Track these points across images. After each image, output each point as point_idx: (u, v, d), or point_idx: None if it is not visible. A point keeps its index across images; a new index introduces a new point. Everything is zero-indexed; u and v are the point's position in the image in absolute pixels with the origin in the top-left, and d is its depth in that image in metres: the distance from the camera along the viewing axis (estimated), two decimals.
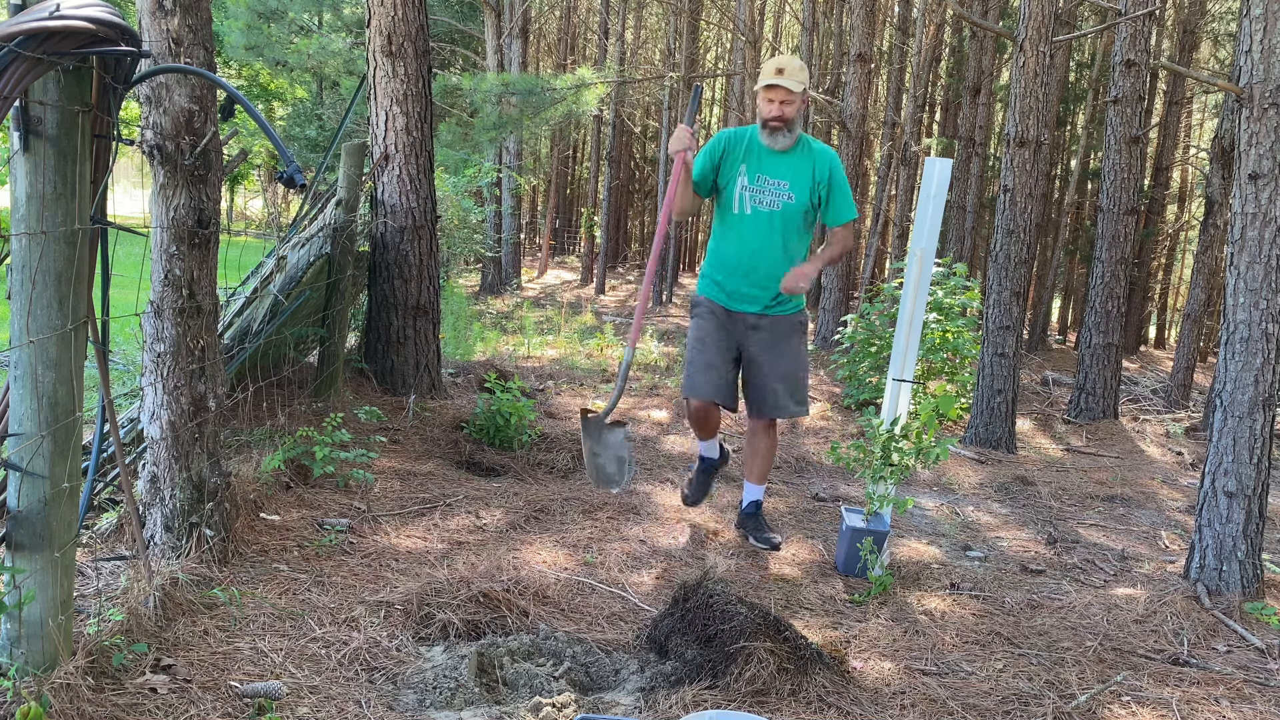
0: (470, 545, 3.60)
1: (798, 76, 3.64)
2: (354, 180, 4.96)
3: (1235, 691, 2.88)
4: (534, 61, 25.16)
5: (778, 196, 3.72)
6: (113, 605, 2.52)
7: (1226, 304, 3.69)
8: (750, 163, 3.74)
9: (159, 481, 2.84)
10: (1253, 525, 3.63)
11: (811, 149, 3.76)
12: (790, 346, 3.83)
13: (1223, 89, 4.16)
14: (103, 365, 2.47)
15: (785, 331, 3.82)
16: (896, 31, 15.90)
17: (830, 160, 3.75)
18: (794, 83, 3.61)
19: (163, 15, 2.61)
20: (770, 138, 3.69)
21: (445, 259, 8.68)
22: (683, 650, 2.66)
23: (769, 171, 3.72)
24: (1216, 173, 9.19)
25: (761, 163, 3.74)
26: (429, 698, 2.42)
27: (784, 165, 3.72)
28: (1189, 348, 9.85)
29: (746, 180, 3.74)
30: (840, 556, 3.78)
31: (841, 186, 3.76)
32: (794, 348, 3.84)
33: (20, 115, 1.95)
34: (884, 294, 8.43)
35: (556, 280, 21.48)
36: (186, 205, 2.71)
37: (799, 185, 3.71)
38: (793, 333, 3.85)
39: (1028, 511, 5.12)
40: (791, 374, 3.83)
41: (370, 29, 5.52)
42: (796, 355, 3.84)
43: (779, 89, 3.61)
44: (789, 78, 3.62)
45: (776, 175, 3.72)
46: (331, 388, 5.01)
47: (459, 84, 12.66)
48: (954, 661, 2.98)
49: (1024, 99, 6.45)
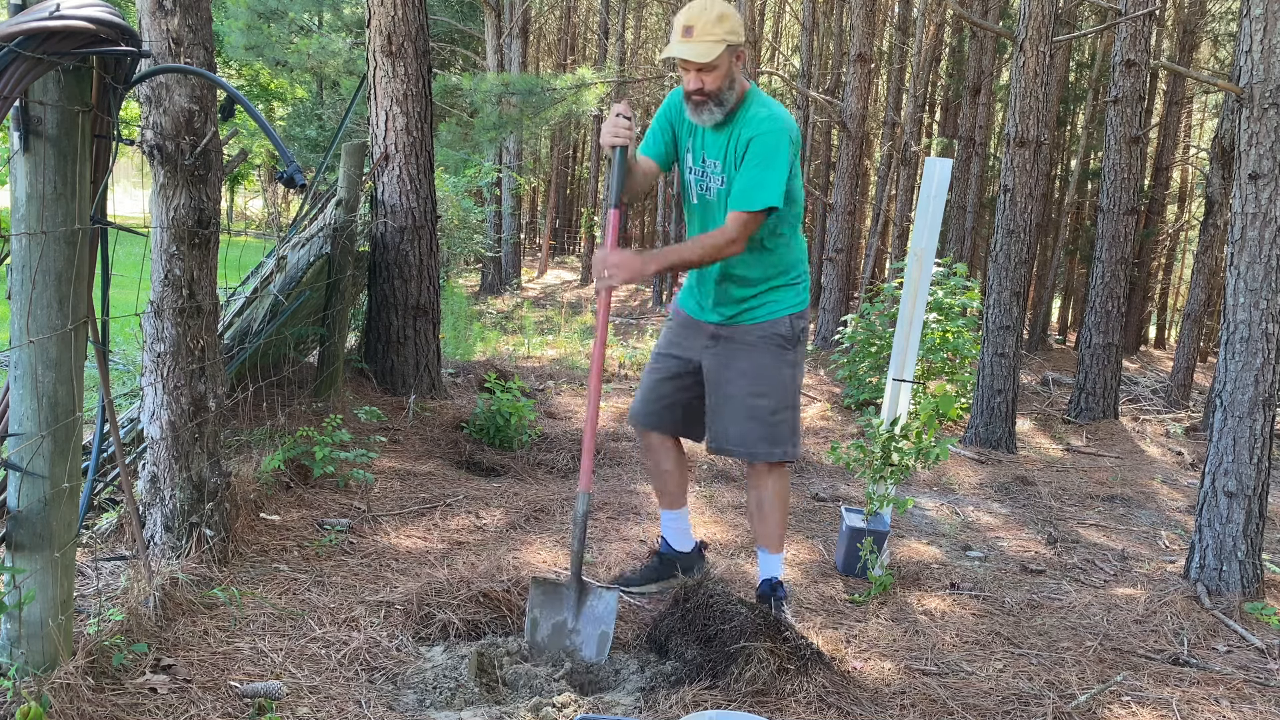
0: (470, 545, 3.60)
1: (712, 35, 2.73)
2: (354, 180, 4.96)
3: (1235, 691, 2.88)
4: (534, 61, 25.16)
5: (714, 182, 2.97)
6: (113, 605, 2.51)
7: (1226, 304, 3.69)
8: (695, 141, 3.00)
9: (159, 481, 2.84)
10: (1253, 525, 3.63)
11: (743, 118, 2.88)
12: (752, 363, 2.99)
13: (1223, 89, 4.16)
14: (103, 365, 2.47)
15: (748, 344, 3.01)
16: (896, 31, 15.90)
17: (754, 128, 2.84)
18: (704, 49, 2.73)
19: (163, 15, 2.61)
20: (696, 114, 2.89)
21: (445, 259, 8.68)
22: (683, 650, 2.66)
23: (709, 151, 2.96)
24: (1216, 173, 9.19)
25: (704, 141, 2.97)
26: (429, 698, 2.42)
27: (719, 142, 2.93)
28: (1189, 348, 9.86)
29: (692, 162, 3.02)
30: (840, 556, 3.78)
31: (755, 162, 2.81)
32: (757, 365, 2.99)
33: (20, 115, 1.95)
34: (884, 294, 8.43)
35: (556, 280, 21.47)
36: (186, 205, 2.71)
37: (729, 166, 2.92)
38: (758, 346, 3.00)
39: (1028, 511, 5.12)
40: (750, 397, 2.97)
41: (370, 29, 5.52)
42: (760, 375, 2.98)
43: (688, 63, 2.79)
44: (698, 40, 2.74)
45: (713, 155, 2.95)
46: (331, 388, 5.01)
47: (459, 84, 12.66)
48: (954, 661, 2.98)
49: (1024, 99, 6.45)
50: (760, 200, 2.79)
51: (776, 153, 2.80)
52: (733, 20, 2.77)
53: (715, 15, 2.74)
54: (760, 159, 2.80)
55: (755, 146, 2.81)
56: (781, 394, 3.01)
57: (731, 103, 2.86)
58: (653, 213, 29.96)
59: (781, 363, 3.01)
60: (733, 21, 2.77)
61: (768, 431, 2.99)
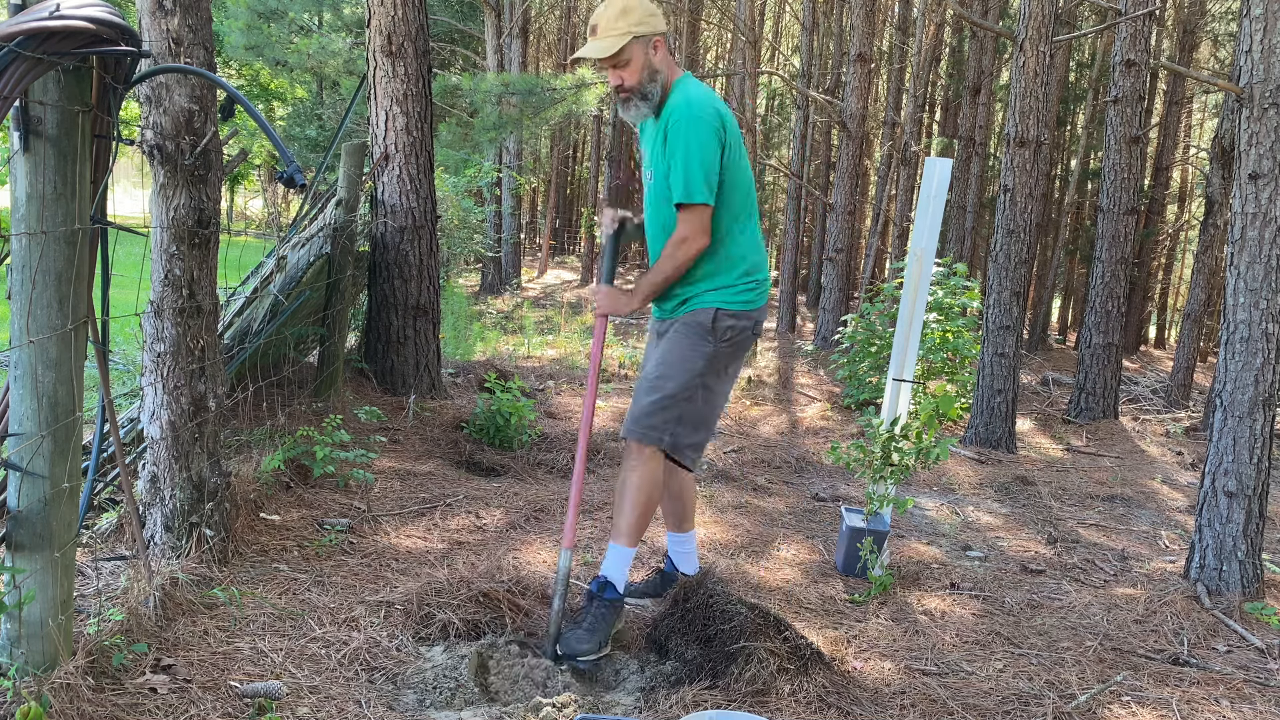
0: (470, 545, 3.60)
1: (615, 29, 2.66)
2: (354, 180, 4.96)
3: (1235, 691, 2.88)
4: (534, 61, 25.16)
5: (648, 179, 2.90)
6: (113, 605, 2.52)
7: (1226, 304, 3.69)
8: (643, 146, 2.93)
9: (159, 481, 2.84)
10: (1253, 525, 3.63)
11: (665, 108, 2.77)
12: (668, 346, 2.87)
13: (1223, 89, 4.16)
14: (103, 365, 2.47)
15: (674, 331, 2.90)
16: (896, 31, 15.90)
17: (670, 116, 2.71)
18: (606, 44, 2.66)
19: (163, 15, 2.61)
20: (624, 112, 2.81)
21: (445, 259, 8.68)
22: (683, 650, 2.66)
23: (645, 147, 2.91)
24: (1216, 173, 9.19)
25: (645, 139, 2.91)
26: (429, 698, 2.42)
27: (650, 138, 2.86)
28: (1189, 348, 9.86)
29: (645, 168, 2.92)
30: (840, 556, 3.78)
31: (671, 152, 2.69)
32: (671, 347, 2.86)
33: (20, 115, 1.95)
34: (884, 294, 8.43)
35: (556, 280, 21.47)
36: (186, 205, 2.71)
37: (656, 159, 2.82)
38: (679, 332, 2.87)
39: (1028, 511, 5.12)
40: (653, 377, 2.86)
41: (370, 29, 5.52)
42: (668, 358, 2.85)
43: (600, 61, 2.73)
44: (602, 37, 2.68)
45: (646, 150, 2.89)
46: (331, 388, 5.01)
47: (459, 84, 12.66)
48: (954, 661, 2.98)
49: (1024, 99, 6.45)
50: (684, 192, 2.67)
51: (690, 139, 2.65)
52: (639, 11, 2.69)
53: (618, 10, 2.69)
54: (675, 149, 2.68)
55: (670, 136, 2.70)
56: (682, 379, 2.80)
57: (658, 96, 2.78)
58: None
59: (695, 352, 2.82)
60: (639, 13, 2.69)
61: (650, 409, 2.80)
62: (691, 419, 2.85)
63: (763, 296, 2.93)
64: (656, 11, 2.74)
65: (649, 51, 2.72)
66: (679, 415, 2.82)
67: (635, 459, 2.83)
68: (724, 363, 2.89)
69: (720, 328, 2.84)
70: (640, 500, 2.82)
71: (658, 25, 2.73)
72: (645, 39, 2.70)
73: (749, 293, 2.88)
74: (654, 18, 2.72)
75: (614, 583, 2.83)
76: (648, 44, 2.71)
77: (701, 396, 2.85)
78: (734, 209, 2.83)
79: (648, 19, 2.70)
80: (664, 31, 2.76)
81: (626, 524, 2.83)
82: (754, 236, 2.91)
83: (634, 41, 2.68)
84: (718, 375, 2.89)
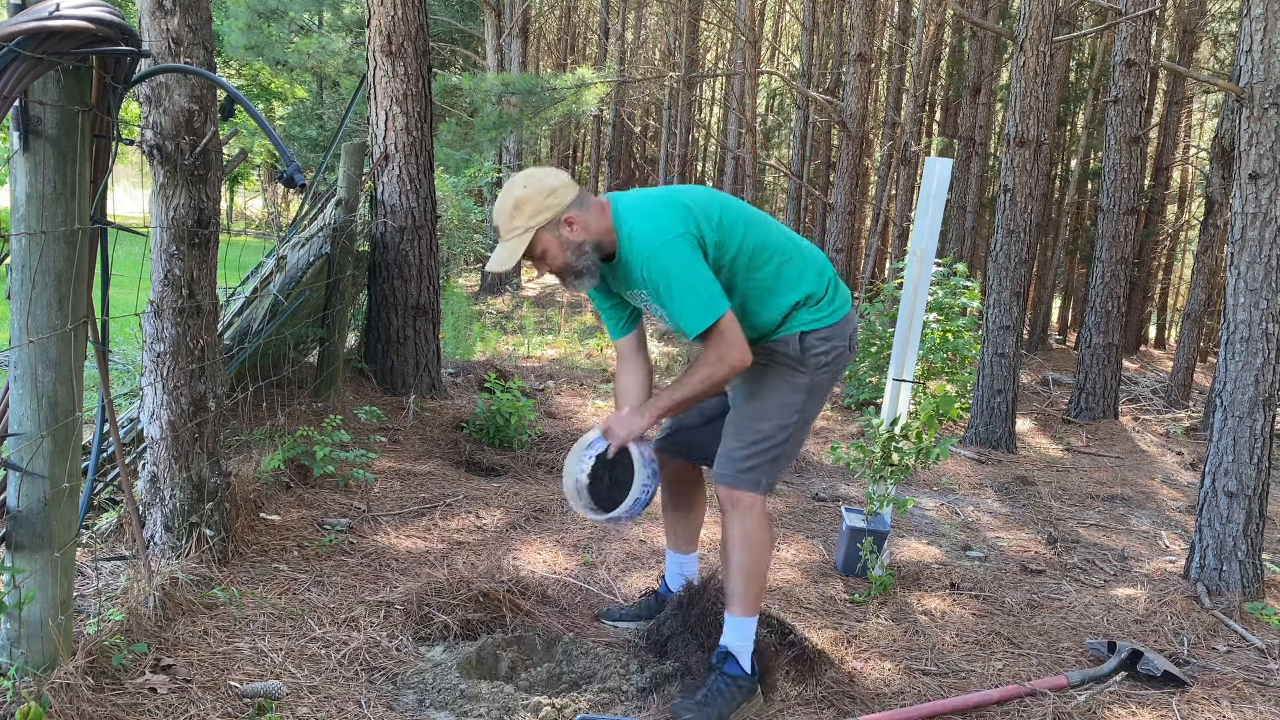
0: (470, 545, 3.60)
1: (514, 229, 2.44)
2: (354, 180, 4.96)
3: (1235, 691, 2.88)
4: (534, 61, 25.15)
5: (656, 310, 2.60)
6: (113, 605, 2.52)
7: (1226, 304, 3.69)
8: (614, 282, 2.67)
9: (159, 481, 2.84)
10: (1253, 525, 3.63)
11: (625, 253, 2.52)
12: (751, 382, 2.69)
13: (1223, 89, 4.16)
14: (103, 365, 2.47)
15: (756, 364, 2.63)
16: (896, 31, 15.89)
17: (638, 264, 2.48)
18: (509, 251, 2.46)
19: (163, 15, 2.61)
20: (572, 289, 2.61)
21: (445, 259, 8.68)
22: (686, 656, 2.65)
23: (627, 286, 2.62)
24: (1216, 173, 9.19)
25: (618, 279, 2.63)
26: (429, 698, 2.42)
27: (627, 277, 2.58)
28: (1189, 348, 9.86)
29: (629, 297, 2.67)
30: (840, 556, 3.78)
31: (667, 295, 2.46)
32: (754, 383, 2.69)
33: (20, 115, 1.95)
34: (884, 294, 8.43)
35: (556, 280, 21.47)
36: (186, 205, 2.71)
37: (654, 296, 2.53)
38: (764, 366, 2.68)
39: (1028, 511, 5.12)
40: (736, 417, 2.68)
41: (370, 29, 5.52)
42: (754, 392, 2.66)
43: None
44: (505, 240, 2.47)
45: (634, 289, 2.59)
46: (331, 388, 5.01)
47: (459, 84, 12.65)
48: (954, 661, 2.98)
49: (1024, 99, 6.45)
50: (699, 324, 2.40)
51: (672, 271, 2.39)
52: (533, 201, 2.41)
53: (510, 208, 2.43)
54: (663, 292, 2.43)
55: (654, 281, 2.43)
56: (779, 419, 2.56)
57: (600, 255, 2.52)
58: None
59: (789, 386, 2.57)
60: (533, 202, 2.41)
61: (745, 455, 2.54)
62: (789, 455, 2.61)
63: (844, 298, 2.65)
64: (556, 187, 2.44)
65: (563, 230, 2.45)
66: (775, 457, 2.56)
67: (734, 510, 2.54)
68: (823, 390, 2.62)
69: (814, 354, 2.56)
70: (748, 562, 2.52)
71: (562, 200, 2.44)
72: (551, 223, 2.44)
73: (829, 302, 2.60)
74: (553, 197, 2.43)
75: (736, 655, 2.50)
76: (557, 226, 2.44)
77: (799, 431, 2.60)
78: (768, 267, 2.55)
79: (546, 204, 2.42)
80: (571, 202, 2.45)
81: (738, 591, 2.53)
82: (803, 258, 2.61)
83: (540, 232, 2.43)
84: (818, 402, 2.63)
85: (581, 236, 2.47)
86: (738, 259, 2.52)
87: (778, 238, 2.60)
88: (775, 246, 2.58)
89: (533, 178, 2.46)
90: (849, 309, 2.65)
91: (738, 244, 2.51)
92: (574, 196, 2.46)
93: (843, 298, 2.65)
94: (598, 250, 2.50)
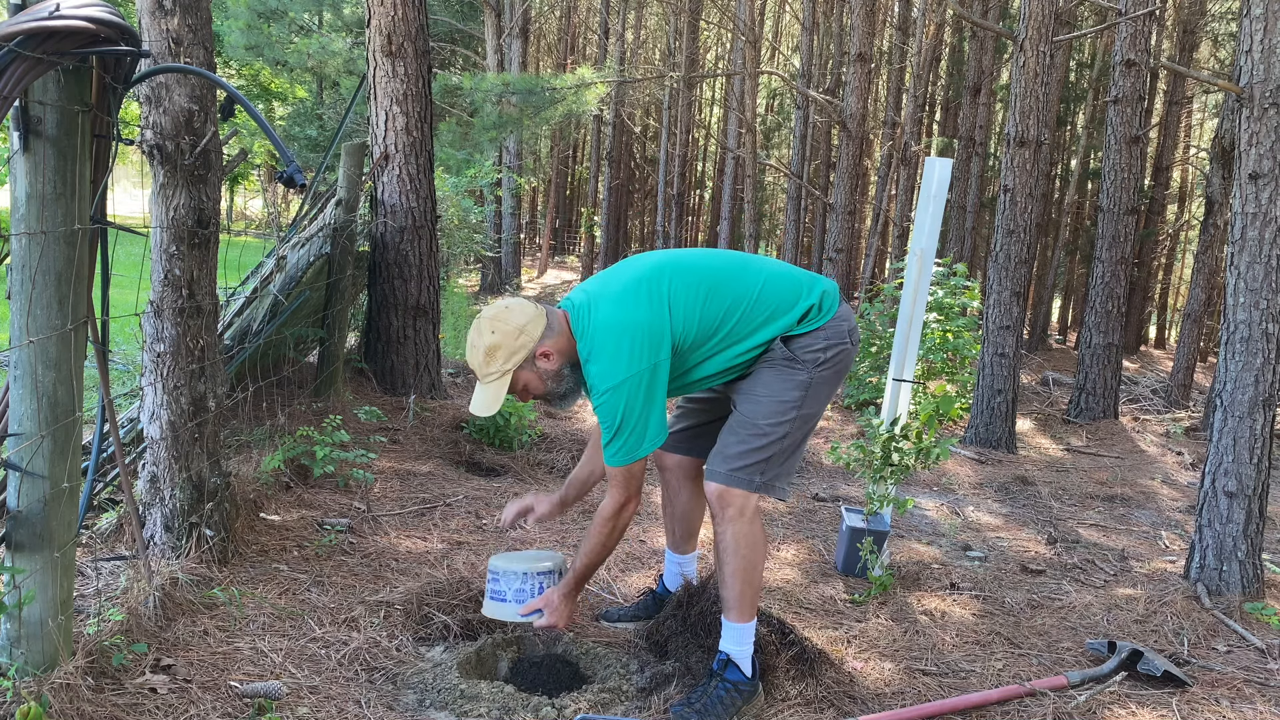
0: (470, 545, 3.60)
1: (490, 374, 2.43)
2: (354, 180, 4.96)
3: (1235, 691, 2.88)
4: (534, 61, 25.17)
5: None
6: (113, 605, 2.51)
7: (1226, 304, 3.69)
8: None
9: (159, 481, 2.84)
10: (1253, 525, 3.63)
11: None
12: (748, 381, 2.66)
13: (1223, 89, 4.16)
14: (103, 365, 2.47)
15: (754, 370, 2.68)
16: (896, 31, 15.89)
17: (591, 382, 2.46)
18: (489, 397, 2.45)
19: (163, 15, 2.61)
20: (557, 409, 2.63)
21: (445, 259, 8.67)
22: (685, 656, 2.65)
23: None
24: (1216, 173, 9.19)
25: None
26: (429, 698, 2.42)
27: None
28: (1189, 348, 9.86)
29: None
30: (840, 556, 3.78)
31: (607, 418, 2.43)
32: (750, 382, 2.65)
33: (20, 115, 1.95)
34: (884, 294, 8.43)
35: (556, 280, 21.47)
36: (186, 205, 2.71)
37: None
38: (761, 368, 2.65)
39: (1028, 511, 5.12)
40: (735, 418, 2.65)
41: (370, 29, 5.52)
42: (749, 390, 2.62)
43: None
44: (483, 384, 2.46)
45: None
46: (331, 388, 5.01)
47: (459, 84, 12.65)
48: (954, 661, 2.98)
49: (1024, 99, 6.45)
50: (617, 459, 2.42)
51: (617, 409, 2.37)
52: (505, 345, 2.39)
53: (483, 355, 2.41)
54: (609, 420, 2.39)
55: (599, 410, 2.41)
56: (773, 416, 2.49)
57: (576, 372, 2.50)
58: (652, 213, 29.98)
59: (787, 383, 2.50)
60: (506, 346, 2.39)
61: (738, 451, 2.49)
62: (785, 453, 2.53)
63: (832, 299, 2.59)
64: (524, 324, 2.41)
65: (539, 363, 2.44)
66: (769, 456, 2.49)
67: (724, 514, 2.47)
68: (824, 390, 2.55)
69: (809, 351, 2.50)
70: (742, 567, 2.45)
71: (533, 336, 2.41)
72: (527, 361, 2.43)
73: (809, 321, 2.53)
74: (523, 336, 2.40)
75: (736, 662, 2.46)
76: (533, 361, 2.43)
77: (797, 430, 2.52)
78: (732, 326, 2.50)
79: (518, 345, 2.40)
80: (541, 334, 2.42)
81: (734, 596, 2.46)
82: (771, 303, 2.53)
83: (518, 371, 2.43)
84: (818, 402, 2.56)
85: (558, 364, 2.47)
86: (702, 331, 2.49)
87: (746, 289, 2.52)
88: (742, 301, 2.51)
89: (499, 320, 2.42)
90: (836, 309, 2.58)
91: (697, 322, 2.47)
92: (542, 328, 2.43)
93: (829, 302, 2.59)
94: (575, 370, 2.49)
